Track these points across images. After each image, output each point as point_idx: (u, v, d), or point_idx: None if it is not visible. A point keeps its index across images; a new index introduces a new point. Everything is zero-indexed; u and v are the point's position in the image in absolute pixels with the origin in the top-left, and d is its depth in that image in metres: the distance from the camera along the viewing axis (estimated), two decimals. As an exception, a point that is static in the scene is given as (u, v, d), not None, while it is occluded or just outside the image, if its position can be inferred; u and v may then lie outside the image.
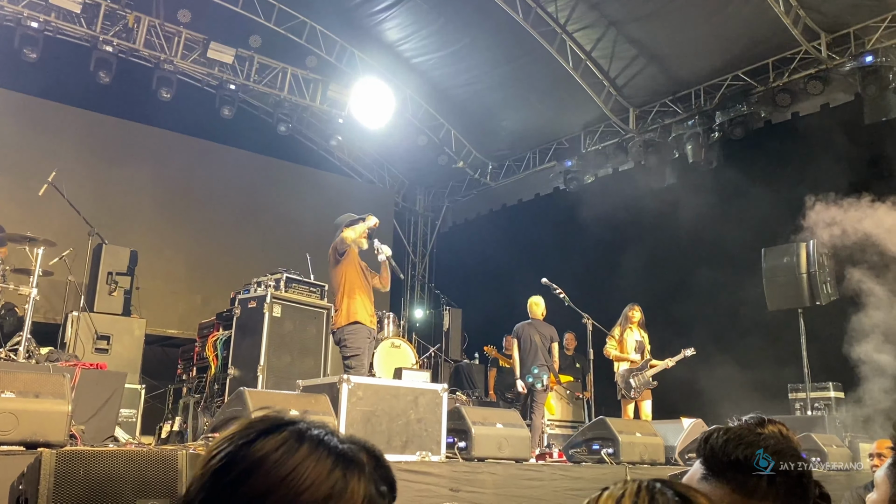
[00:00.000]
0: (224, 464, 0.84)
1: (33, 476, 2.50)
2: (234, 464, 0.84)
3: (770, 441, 1.33)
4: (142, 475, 2.69)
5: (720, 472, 1.31)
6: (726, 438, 1.34)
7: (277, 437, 0.86)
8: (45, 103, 10.74)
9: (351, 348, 6.21)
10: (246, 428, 0.88)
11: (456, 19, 11.38)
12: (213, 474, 0.84)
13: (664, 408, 8.68)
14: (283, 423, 0.88)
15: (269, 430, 0.87)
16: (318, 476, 0.84)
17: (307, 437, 0.87)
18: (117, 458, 2.76)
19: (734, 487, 1.29)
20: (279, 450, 0.84)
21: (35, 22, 9.92)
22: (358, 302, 6.35)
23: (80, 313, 8.02)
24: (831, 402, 8.36)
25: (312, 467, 0.84)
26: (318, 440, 0.87)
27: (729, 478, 1.30)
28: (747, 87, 10.39)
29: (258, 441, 0.85)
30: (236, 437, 0.87)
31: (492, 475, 4.85)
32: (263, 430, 0.87)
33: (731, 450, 1.31)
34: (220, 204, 12.24)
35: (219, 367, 7.78)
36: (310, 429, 0.88)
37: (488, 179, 14.32)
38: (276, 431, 0.86)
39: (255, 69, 11.69)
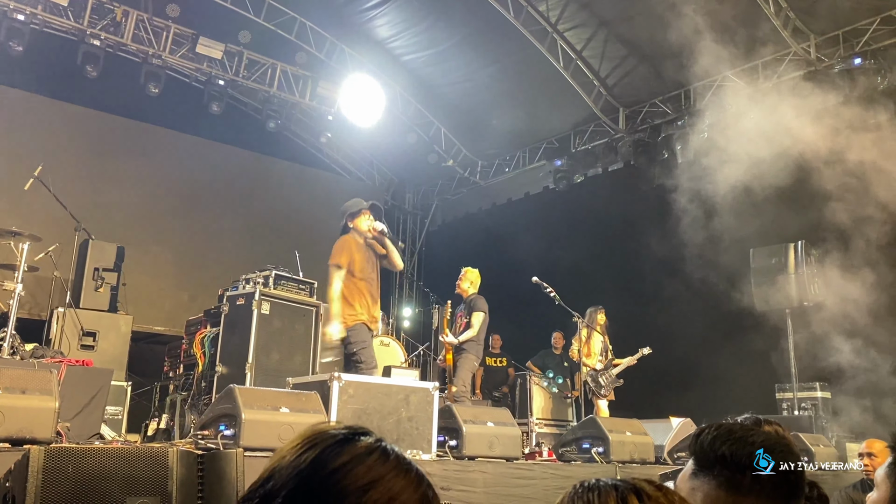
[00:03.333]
0: (309, 465, 0.86)
1: (21, 473, 2.46)
2: (321, 466, 0.86)
3: (759, 438, 1.33)
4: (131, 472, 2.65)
5: (708, 467, 1.33)
6: (715, 434, 1.36)
7: (363, 444, 0.89)
8: (32, 97, 10.62)
9: (356, 343, 5.83)
10: (321, 434, 0.91)
11: (446, 17, 11.36)
12: (296, 474, 0.86)
13: (653, 407, 8.70)
14: (361, 434, 0.92)
15: (351, 439, 0.90)
16: (405, 486, 0.87)
17: (390, 449, 0.91)
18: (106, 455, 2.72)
19: (720, 483, 1.31)
20: (368, 458, 0.88)
21: (21, 14, 9.81)
22: (360, 299, 6.04)
23: (65, 309, 7.93)
24: (818, 402, 8.41)
25: (399, 476, 0.88)
26: (400, 455, 0.92)
27: (716, 473, 1.32)
28: (737, 87, 10.42)
29: (347, 448, 0.88)
30: (317, 441, 0.89)
31: (482, 474, 4.83)
32: (348, 439, 0.89)
33: (719, 446, 1.34)
34: (208, 200, 12.16)
35: (206, 364, 7.71)
36: (382, 442, 0.92)
37: (478, 178, 14.31)
38: (357, 440, 0.89)
39: (244, 65, 11.62)
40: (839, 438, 7.82)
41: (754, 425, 1.93)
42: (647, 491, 0.97)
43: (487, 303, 8.31)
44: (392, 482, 0.86)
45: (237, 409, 3.91)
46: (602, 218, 10.83)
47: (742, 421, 2.02)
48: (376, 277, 6.19)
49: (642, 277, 10.54)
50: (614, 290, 10.44)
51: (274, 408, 4.08)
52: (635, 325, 9.94)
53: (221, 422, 4.00)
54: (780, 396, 8.71)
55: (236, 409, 3.92)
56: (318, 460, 0.86)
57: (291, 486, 0.85)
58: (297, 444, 0.90)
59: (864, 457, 4.57)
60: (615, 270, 10.44)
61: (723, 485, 1.29)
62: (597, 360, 9.19)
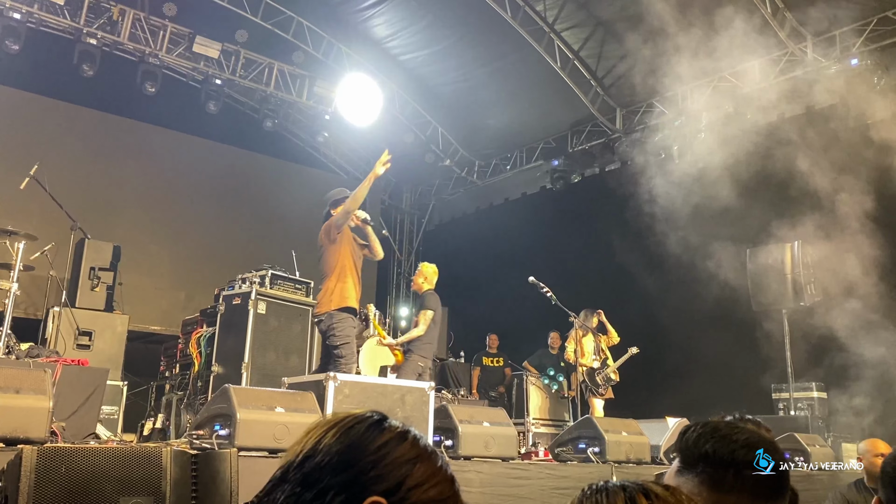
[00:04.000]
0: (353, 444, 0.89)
1: (13, 473, 2.45)
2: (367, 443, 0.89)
3: (742, 436, 1.33)
4: (125, 472, 2.64)
5: (692, 464, 1.34)
6: (700, 432, 1.36)
7: (395, 427, 0.93)
8: (28, 95, 10.60)
9: (340, 336, 5.83)
10: (354, 417, 0.94)
11: (444, 17, 11.35)
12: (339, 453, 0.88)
13: (649, 407, 8.70)
14: (390, 419, 0.95)
15: (384, 421, 0.94)
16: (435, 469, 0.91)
17: (417, 434, 0.95)
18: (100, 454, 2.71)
19: (703, 480, 1.31)
20: (405, 440, 0.91)
21: (17, 13, 9.78)
22: (350, 286, 5.99)
23: (61, 309, 7.92)
24: (814, 402, 8.42)
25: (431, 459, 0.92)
26: (424, 439, 0.95)
27: (699, 470, 1.32)
28: (733, 87, 10.43)
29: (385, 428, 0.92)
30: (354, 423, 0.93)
31: (478, 474, 4.83)
32: (381, 421, 0.93)
33: (703, 443, 1.34)
34: (205, 200, 12.14)
35: (202, 364, 7.70)
36: (409, 427, 0.96)
37: (475, 178, 14.31)
38: (389, 422, 0.93)
39: (241, 64, 11.60)
40: (835, 439, 7.83)
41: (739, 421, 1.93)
42: (656, 491, 0.98)
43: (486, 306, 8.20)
44: (429, 462, 0.90)
45: (232, 409, 3.90)
46: (599, 218, 10.84)
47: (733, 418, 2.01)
48: (361, 262, 6.25)
49: (639, 277, 10.53)
50: (611, 289, 10.45)
51: (269, 408, 4.08)
52: (632, 325, 9.94)
53: (216, 421, 3.99)
54: (777, 397, 8.73)
55: (231, 408, 3.91)
56: (363, 439, 0.89)
57: (335, 465, 0.87)
58: (326, 424, 0.92)
59: (872, 455, 4.47)
60: (612, 270, 10.44)
61: (705, 482, 1.29)
62: (591, 360, 9.22)
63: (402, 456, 0.89)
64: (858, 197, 7.87)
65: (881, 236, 7.96)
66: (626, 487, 0.98)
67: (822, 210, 8.12)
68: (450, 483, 0.92)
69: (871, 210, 7.86)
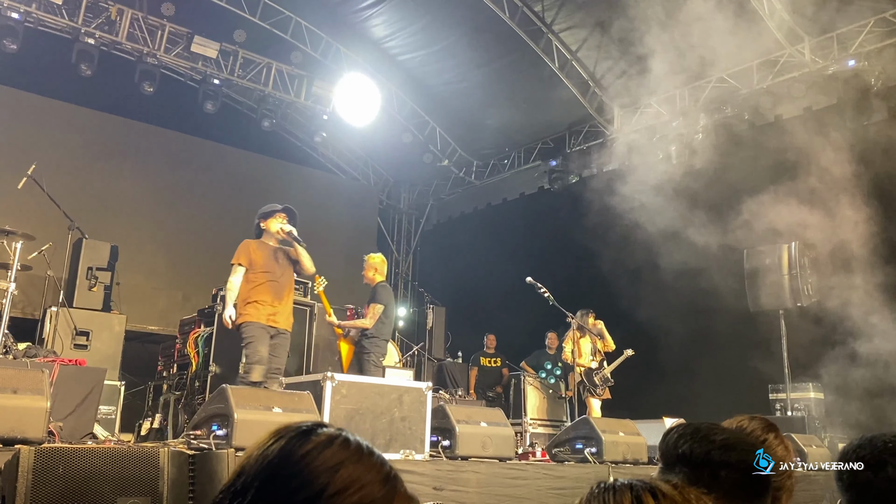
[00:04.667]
0: (277, 457, 0.89)
1: (11, 473, 2.45)
2: (288, 455, 0.89)
3: (720, 436, 1.34)
4: (122, 473, 2.64)
5: (671, 465, 1.37)
6: (680, 433, 1.37)
7: (325, 434, 0.92)
8: (26, 95, 10.58)
9: (246, 338, 6.00)
10: (285, 427, 0.94)
11: (442, 17, 11.35)
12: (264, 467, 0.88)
13: (646, 407, 8.71)
14: (322, 426, 0.95)
15: (313, 430, 0.93)
16: (368, 469, 0.90)
17: (350, 437, 0.94)
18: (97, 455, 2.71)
19: (681, 479, 1.33)
20: (332, 445, 0.90)
21: (15, 13, 9.77)
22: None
23: (58, 308, 7.91)
24: (811, 403, 8.43)
25: (361, 461, 0.90)
26: (359, 442, 0.94)
27: (677, 470, 1.34)
28: (731, 88, 10.45)
29: (311, 438, 0.91)
30: (281, 434, 0.92)
31: (476, 474, 4.83)
32: (310, 430, 0.92)
33: (681, 444, 1.36)
34: (202, 199, 12.13)
35: (200, 364, 7.70)
36: (342, 432, 0.95)
37: (473, 178, 14.32)
38: (318, 431, 0.93)
39: (239, 64, 11.59)
40: (832, 439, 7.85)
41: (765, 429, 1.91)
42: (663, 490, 0.98)
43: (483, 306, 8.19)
44: (357, 465, 0.89)
45: (229, 409, 3.90)
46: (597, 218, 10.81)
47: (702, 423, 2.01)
48: (283, 275, 6.22)
49: (637, 278, 10.54)
50: (609, 290, 10.44)
51: (266, 408, 4.08)
52: (630, 325, 9.95)
53: (214, 422, 4.00)
54: (774, 397, 8.74)
55: (228, 408, 3.91)
56: (286, 449, 0.89)
57: (262, 478, 0.87)
58: (264, 439, 0.93)
59: None
60: (610, 271, 10.44)
61: (683, 481, 1.30)
62: (589, 360, 9.24)
63: (325, 463, 0.88)
64: (857, 198, 7.88)
65: (879, 237, 7.97)
66: (634, 486, 0.99)
67: (820, 211, 8.13)
68: (379, 484, 0.90)
69: (868, 211, 7.87)
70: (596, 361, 9.32)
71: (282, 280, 6.15)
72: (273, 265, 6.15)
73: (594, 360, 9.32)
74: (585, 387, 9.15)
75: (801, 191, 8.55)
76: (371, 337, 7.22)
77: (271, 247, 6.27)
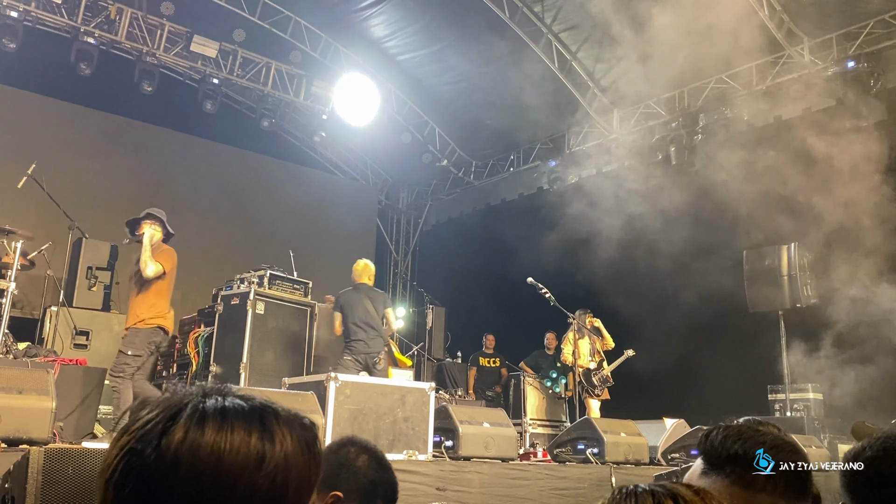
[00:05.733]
0: (136, 487, 0.75)
1: (20, 474, 2.44)
2: (148, 482, 0.75)
3: (769, 437, 1.36)
4: (131, 474, 2.63)
5: (719, 466, 1.36)
6: (725, 434, 1.38)
7: (178, 428, 0.78)
8: (25, 94, 10.55)
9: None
10: (139, 436, 0.79)
11: (442, 17, 11.35)
12: (129, 491, 0.75)
13: (646, 408, 8.73)
14: (177, 411, 0.80)
15: (166, 426, 0.78)
16: (239, 444, 0.78)
17: (208, 414, 0.80)
18: (106, 456, 2.70)
19: (733, 480, 1.33)
20: (186, 441, 0.77)
21: (15, 11, 9.75)
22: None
23: (58, 308, 7.90)
24: (810, 404, 8.45)
25: (227, 440, 0.77)
26: (222, 411, 0.81)
27: (728, 471, 1.34)
28: (731, 89, 10.47)
29: (163, 444, 0.77)
30: (134, 442, 0.78)
31: (478, 474, 4.84)
32: (161, 431, 0.78)
33: (730, 444, 1.36)
34: (202, 199, 12.10)
35: (200, 363, 7.69)
36: (205, 402, 0.81)
37: (472, 178, 14.32)
38: (173, 424, 0.78)
39: (238, 63, 11.58)
40: (831, 439, 7.87)
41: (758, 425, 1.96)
42: (685, 496, 0.98)
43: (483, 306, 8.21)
44: (224, 450, 0.78)
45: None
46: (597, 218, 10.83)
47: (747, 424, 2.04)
48: (132, 280, 6.46)
49: (636, 278, 10.55)
50: (608, 290, 10.45)
51: (271, 408, 4.07)
52: (628, 326, 9.96)
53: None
54: (773, 398, 8.76)
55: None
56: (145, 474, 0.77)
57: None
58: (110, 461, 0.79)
59: None
60: (609, 271, 10.45)
61: (736, 482, 1.32)
62: (587, 361, 9.24)
63: (192, 468, 0.77)
64: (856, 199, 7.90)
65: (878, 238, 7.99)
66: (655, 493, 0.99)
67: (819, 212, 8.15)
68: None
69: (868, 212, 7.89)
70: (595, 362, 9.33)
71: (132, 285, 6.42)
72: (130, 273, 6.50)
73: (593, 361, 9.33)
74: (584, 388, 9.16)
75: (801, 192, 8.57)
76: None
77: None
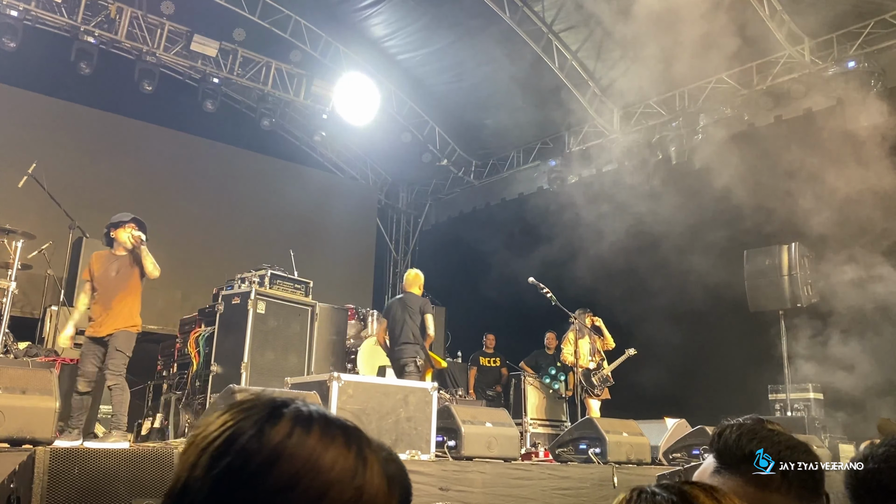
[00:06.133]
0: (234, 460, 0.76)
1: (26, 474, 2.44)
2: (247, 459, 0.76)
3: (784, 438, 1.36)
4: (137, 473, 2.63)
5: (734, 465, 1.35)
6: (739, 433, 1.38)
7: (284, 422, 0.79)
8: (25, 93, 10.53)
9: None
10: (242, 417, 0.80)
11: (442, 16, 11.35)
12: (222, 472, 0.76)
13: (647, 408, 8.73)
14: (280, 405, 0.82)
15: (272, 415, 0.80)
16: (338, 456, 0.79)
17: (314, 418, 0.81)
18: (112, 456, 2.70)
19: (749, 479, 1.33)
20: (292, 436, 0.78)
21: (15, 10, 9.74)
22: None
23: (58, 308, 7.89)
24: (811, 403, 8.45)
25: (329, 449, 0.79)
26: (326, 420, 0.82)
27: (743, 470, 1.34)
28: (731, 89, 10.48)
29: (267, 430, 0.78)
30: (237, 428, 0.79)
31: (481, 474, 4.84)
32: (266, 417, 0.79)
33: (745, 444, 1.35)
34: (202, 198, 12.10)
35: (201, 363, 7.68)
36: (310, 409, 0.83)
37: (472, 178, 14.31)
38: (279, 417, 0.80)
39: (238, 63, 11.57)
40: (832, 439, 7.87)
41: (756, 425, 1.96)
42: (701, 498, 0.98)
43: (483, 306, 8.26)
44: (331, 455, 0.79)
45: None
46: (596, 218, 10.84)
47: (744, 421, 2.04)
48: (117, 286, 6.27)
49: (636, 278, 10.56)
50: (608, 290, 10.46)
51: (274, 408, 4.06)
52: (628, 326, 9.96)
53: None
54: (774, 397, 8.76)
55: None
56: (237, 462, 0.77)
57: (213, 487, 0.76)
58: (202, 444, 0.79)
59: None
60: (609, 271, 10.45)
61: (751, 481, 1.31)
62: (587, 361, 9.23)
63: (290, 468, 0.76)
64: (857, 199, 7.91)
65: (877, 238, 8.00)
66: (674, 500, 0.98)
67: (819, 212, 8.16)
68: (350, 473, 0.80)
69: (868, 213, 7.90)
70: (595, 362, 9.32)
71: (115, 289, 6.24)
72: (106, 277, 6.26)
73: (592, 361, 9.32)
74: (584, 388, 9.16)
75: (802, 191, 8.57)
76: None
77: (113, 256, 6.36)
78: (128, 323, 6.23)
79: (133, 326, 6.27)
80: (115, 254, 6.36)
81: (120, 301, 6.22)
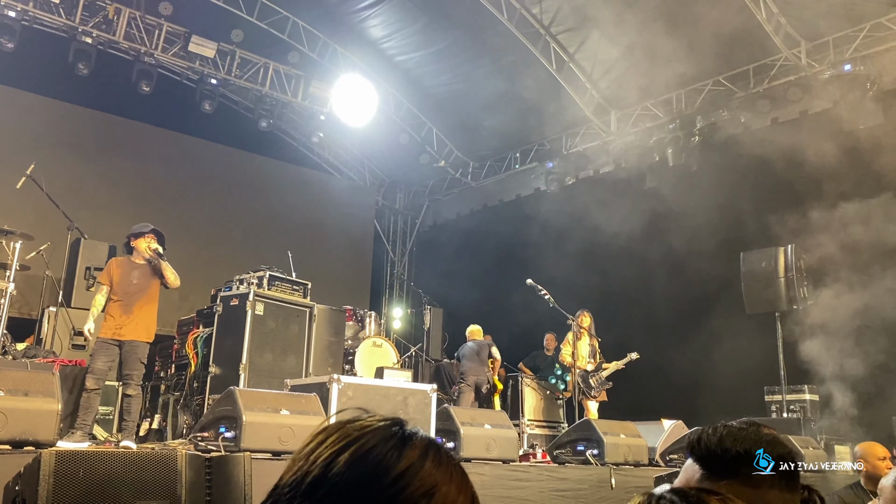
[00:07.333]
0: (369, 473, 0.80)
1: (32, 476, 2.45)
2: (383, 473, 0.80)
3: (763, 435, 1.38)
4: (141, 476, 2.65)
5: (722, 468, 1.35)
6: (720, 436, 1.38)
7: (418, 445, 0.84)
8: (23, 94, 10.53)
9: (93, 350, 6.35)
10: (373, 428, 0.85)
11: (440, 18, 11.37)
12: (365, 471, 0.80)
13: (644, 409, 8.76)
14: (409, 430, 0.86)
15: (406, 438, 0.84)
16: (449, 494, 0.83)
17: (441, 449, 0.86)
18: (117, 458, 2.71)
19: (742, 481, 1.33)
20: (425, 463, 0.82)
21: (13, 11, 9.73)
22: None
23: (57, 308, 7.89)
24: (807, 405, 8.49)
25: (449, 485, 0.83)
26: (448, 453, 0.87)
27: (733, 472, 1.33)
28: (728, 92, 10.52)
29: (406, 451, 0.82)
30: (369, 435, 0.83)
31: (479, 476, 4.86)
32: (403, 438, 0.84)
33: (730, 445, 1.36)
34: (200, 200, 12.10)
35: (199, 364, 7.68)
36: (432, 439, 0.88)
37: (469, 179, 14.33)
38: (412, 439, 0.85)
39: (236, 64, 11.57)
40: (827, 440, 7.91)
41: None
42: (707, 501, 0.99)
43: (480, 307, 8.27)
44: (449, 487, 0.83)
45: (238, 411, 3.91)
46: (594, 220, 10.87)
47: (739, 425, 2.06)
48: (138, 292, 6.41)
49: (632, 280, 10.60)
50: (605, 292, 10.50)
51: (274, 410, 4.09)
52: (625, 328, 10.00)
53: (221, 423, 4.00)
54: (769, 399, 8.79)
55: (237, 410, 3.92)
56: (381, 467, 0.80)
57: (352, 499, 0.79)
58: (346, 447, 0.82)
59: (872, 460, 4.47)
60: (606, 273, 10.49)
61: (745, 482, 1.33)
62: (586, 363, 9.24)
63: (421, 487, 0.80)
64: (852, 201, 7.95)
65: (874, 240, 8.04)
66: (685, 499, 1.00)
67: (815, 214, 8.19)
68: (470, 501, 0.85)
69: (865, 214, 7.94)
70: (593, 364, 9.34)
71: (136, 295, 6.38)
72: (127, 282, 6.40)
73: (591, 363, 9.34)
74: (581, 389, 9.17)
75: (798, 194, 8.62)
76: None
77: (133, 264, 6.49)
78: (150, 333, 6.45)
79: (151, 337, 6.48)
80: (135, 261, 6.50)
81: (141, 308, 6.39)
